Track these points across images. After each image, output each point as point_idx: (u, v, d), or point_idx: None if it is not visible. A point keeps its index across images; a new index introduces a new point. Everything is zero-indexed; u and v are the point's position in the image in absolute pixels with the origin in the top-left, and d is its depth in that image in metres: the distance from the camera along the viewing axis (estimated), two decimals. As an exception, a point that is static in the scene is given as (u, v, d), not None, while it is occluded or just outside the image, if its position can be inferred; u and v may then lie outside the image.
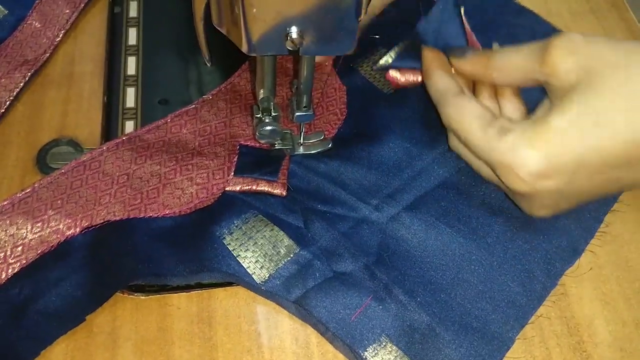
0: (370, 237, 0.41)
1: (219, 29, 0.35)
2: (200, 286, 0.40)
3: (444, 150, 0.44)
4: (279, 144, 0.44)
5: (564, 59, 0.35)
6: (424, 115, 0.46)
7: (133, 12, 0.53)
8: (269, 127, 0.41)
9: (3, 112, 0.46)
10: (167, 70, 0.50)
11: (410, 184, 0.43)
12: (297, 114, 0.42)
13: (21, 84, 0.47)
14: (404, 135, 0.45)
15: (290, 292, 0.38)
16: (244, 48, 0.34)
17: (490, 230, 0.41)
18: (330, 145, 0.45)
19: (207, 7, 0.34)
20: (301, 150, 0.44)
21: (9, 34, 0.50)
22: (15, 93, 0.47)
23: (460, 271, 0.40)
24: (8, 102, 0.46)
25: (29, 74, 0.48)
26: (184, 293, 0.40)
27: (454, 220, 0.41)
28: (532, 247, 0.41)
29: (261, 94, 0.41)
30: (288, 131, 0.44)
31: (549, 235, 0.41)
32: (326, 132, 0.45)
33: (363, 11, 0.33)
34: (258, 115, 0.41)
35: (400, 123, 0.46)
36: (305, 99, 0.41)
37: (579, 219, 0.42)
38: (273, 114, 0.41)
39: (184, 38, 0.52)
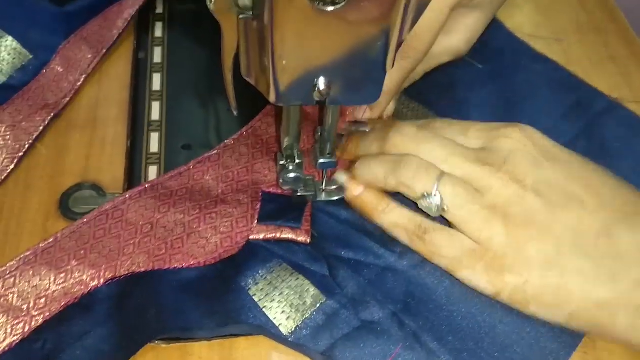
0: (396, 285, 0.40)
1: (247, 79, 0.35)
2: (222, 335, 0.39)
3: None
4: (301, 190, 0.44)
5: None
6: None
7: (157, 58, 0.54)
8: (292, 175, 0.41)
9: (22, 155, 0.46)
10: (191, 115, 0.50)
11: None
12: (321, 160, 0.42)
13: (41, 127, 0.47)
14: None
15: (318, 343, 0.38)
16: (272, 98, 0.34)
17: None
18: (352, 192, 0.44)
19: (236, 57, 0.35)
20: (323, 196, 0.44)
21: (33, 77, 0.51)
22: (35, 136, 0.47)
23: (488, 319, 0.39)
24: (27, 145, 0.47)
25: (49, 117, 0.48)
26: (206, 342, 0.39)
27: None
28: None
29: (286, 141, 0.41)
30: (310, 177, 0.44)
31: None
32: None
33: (389, 63, 0.34)
34: (282, 162, 0.41)
35: None
36: (329, 146, 0.41)
37: None
38: (297, 161, 0.41)
39: (207, 84, 0.52)
